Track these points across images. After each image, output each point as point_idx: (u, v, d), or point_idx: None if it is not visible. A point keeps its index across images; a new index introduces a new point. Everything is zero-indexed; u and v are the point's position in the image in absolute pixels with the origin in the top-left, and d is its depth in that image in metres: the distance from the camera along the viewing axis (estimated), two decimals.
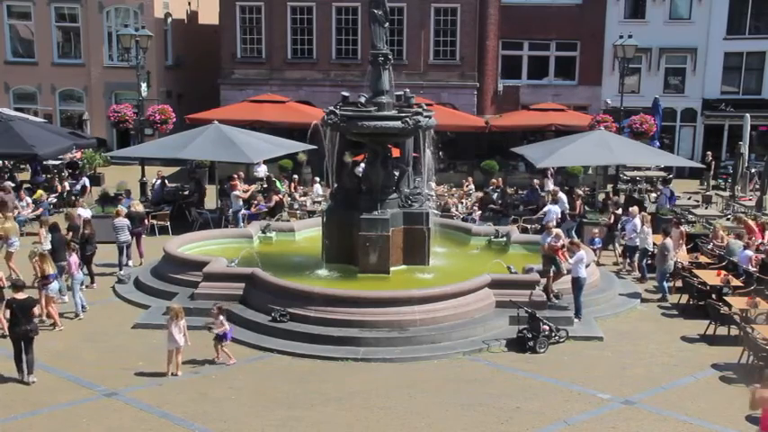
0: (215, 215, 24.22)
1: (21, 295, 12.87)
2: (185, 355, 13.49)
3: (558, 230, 17.24)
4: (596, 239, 20.57)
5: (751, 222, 21.03)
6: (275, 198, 24.47)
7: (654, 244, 19.45)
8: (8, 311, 12.93)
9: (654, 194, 29.46)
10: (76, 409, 11.84)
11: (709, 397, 12.77)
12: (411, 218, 17.52)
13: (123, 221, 19.34)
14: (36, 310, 13.21)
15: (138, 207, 20.87)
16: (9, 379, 12.91)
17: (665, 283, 17.97)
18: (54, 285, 15.38)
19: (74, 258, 16.29)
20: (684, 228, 20.96)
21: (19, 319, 12.65)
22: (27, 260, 16.47)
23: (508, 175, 32.62)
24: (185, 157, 25.30)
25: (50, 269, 15.40)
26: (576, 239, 17.65)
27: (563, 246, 16.33)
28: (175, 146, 23.88)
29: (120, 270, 18.88)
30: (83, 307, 16.14)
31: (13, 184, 25.24)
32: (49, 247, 17.19)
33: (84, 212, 20.54)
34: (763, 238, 20.14)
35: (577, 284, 15.89)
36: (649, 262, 19.42)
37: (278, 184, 27.76)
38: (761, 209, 26.02)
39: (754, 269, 17.77)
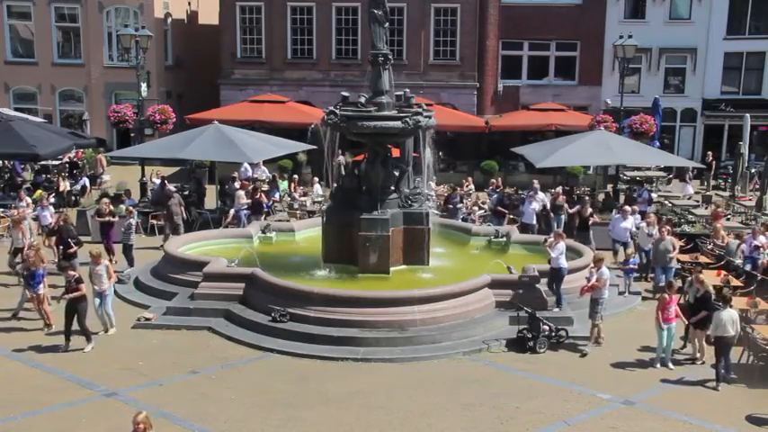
0: (215, 215, 24.21)
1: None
2: (186, 354, 13.46)
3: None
4: (631, 260, 18.57)
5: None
6: (258, 196, 24.05)
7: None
8: None
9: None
10: (76, 409, 11.84)
11: (708, 397, 12.78)
12: (411, 218, 17.51)
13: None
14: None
15: (106, 207, 20.64)
16: (9, 379, 12.94)
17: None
18: (42, 288, 15.23)
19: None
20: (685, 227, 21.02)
21: None
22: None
23: (508, 175, 32.61)
24: (185, 157, 25.28)
25: (41, 267, 15.35)
26: (559, 231, 17.57)
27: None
28: (175, 146, 23.84)
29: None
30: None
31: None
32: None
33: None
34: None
35: (558, 275, 15.94)
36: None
37: (280, 183, 27.80)
38: (761, 209, 26.04)
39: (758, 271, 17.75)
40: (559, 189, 24.00)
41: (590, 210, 22.28)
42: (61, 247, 18.06)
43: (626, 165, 30.45)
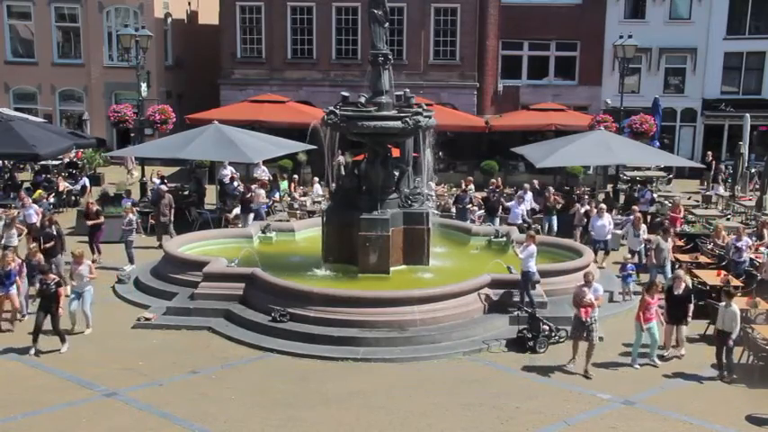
0: (215, 215, 24.21)
1: None
2: (186, 354, 13.45)
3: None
4: (629, 265, 17.81)
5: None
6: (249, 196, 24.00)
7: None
8: None
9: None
10: (76, 409, 11.84)
11: (708, 397, 12.78)
12: (411, 218, 17.52)
13: None
14: None
15: (93, 207, 20.90)
16: (9, 379, 12.94)
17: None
18: (14, 288, 15.18)
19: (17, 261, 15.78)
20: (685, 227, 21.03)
21: None
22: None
23: (508, 174, 32.61)
24: (185, 157, 25.29)
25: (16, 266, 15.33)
26: (532, 233, 17.32)
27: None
28: (175, 146, 23.85)
29: None
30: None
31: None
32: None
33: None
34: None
35: (526, 278, 15.69)
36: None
37: (281, 183, 27.79)
38: (761, 209, 26.06)
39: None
40: (551, 189, 24.02)
41: (595, 210, 22.27)
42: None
43: (626, 165, 30.44)
